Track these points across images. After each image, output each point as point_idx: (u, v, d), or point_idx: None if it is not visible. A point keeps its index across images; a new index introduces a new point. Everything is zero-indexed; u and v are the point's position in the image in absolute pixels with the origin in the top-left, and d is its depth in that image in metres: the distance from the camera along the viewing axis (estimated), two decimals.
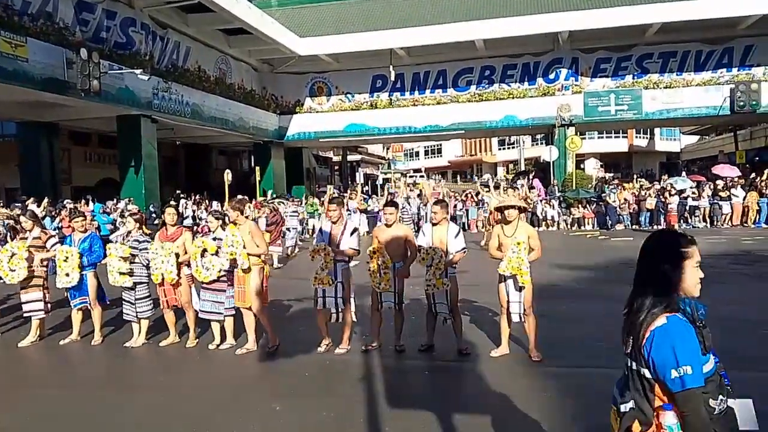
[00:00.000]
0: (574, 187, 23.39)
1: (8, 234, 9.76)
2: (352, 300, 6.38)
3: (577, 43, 26.53)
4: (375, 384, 5.33)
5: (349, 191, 24.80)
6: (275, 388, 5.43)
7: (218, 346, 6.67)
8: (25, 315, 7.38)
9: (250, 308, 6.43)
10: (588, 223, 21.42)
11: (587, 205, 21.75)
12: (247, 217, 6.86)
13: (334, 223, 6.33)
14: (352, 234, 6.28)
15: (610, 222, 20.74)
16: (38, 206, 15.39)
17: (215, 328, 6.76)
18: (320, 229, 6.58)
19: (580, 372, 5.51)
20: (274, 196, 22.88)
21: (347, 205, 17.80)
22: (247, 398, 5.14)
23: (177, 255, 6.71)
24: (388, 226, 6.28)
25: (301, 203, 21.70)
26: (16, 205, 14.98)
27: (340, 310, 6.25)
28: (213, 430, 4.51)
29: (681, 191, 20.75)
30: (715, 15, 22.74)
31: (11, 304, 7.96)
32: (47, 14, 16.13)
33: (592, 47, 26.71)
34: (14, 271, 7.06)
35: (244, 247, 6.28)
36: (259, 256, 6.43)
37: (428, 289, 6.04)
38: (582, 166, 44.90)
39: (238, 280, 6.41)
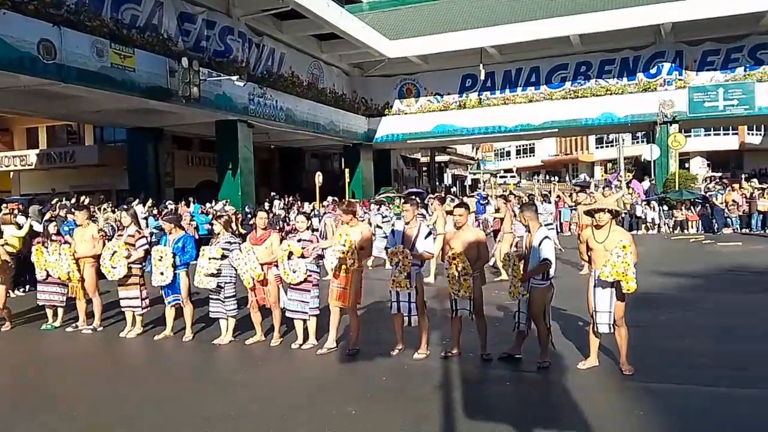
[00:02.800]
0: (677, 188, 21.98)
1: (114, 234, 10.47)
2: (424, 305, 6.26)
3: (681, 34, 24.89)
4: (453, 392, 5.19)
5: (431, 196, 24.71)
6: (353, 390, 5.41)
7: (301, 345, 6.77)
8: (123, 309, 7.83)
9: (343, 308, 6.48)
10: (692, 227, 20.04)
11: (691, 207, 20.36)
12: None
13: (407, 224, 6.25)
14: (427, 237, 6.17)
15: (716, 225, 19.30)
16: (143, 206, 16.39)
17: (299, 327, 6.87)
18: (392, 231, 6.52)
19: (677, 389, 5.10)
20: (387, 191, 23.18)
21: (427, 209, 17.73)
22: (325, 400, 5.16)
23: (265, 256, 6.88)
24: (458, 228, 6.12)
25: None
26: (124, 207, 16.03)
27: (413, 314, 6.16)
28: (288, 430, 4.55)
29: None
30: None
31: (110, 300, 8.45)
32: (153, 26, 17.15)
33: (698, 39, 24.97)
34: (115, 268, 7.52)
35: (361, 249, 6.36)
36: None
37: (510, 296, 5.82)
38: (687, 165, 42.25)
39: (340, 280, 6.44)
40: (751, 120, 31.90)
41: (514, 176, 64.84)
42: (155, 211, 16.23)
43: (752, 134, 47.56)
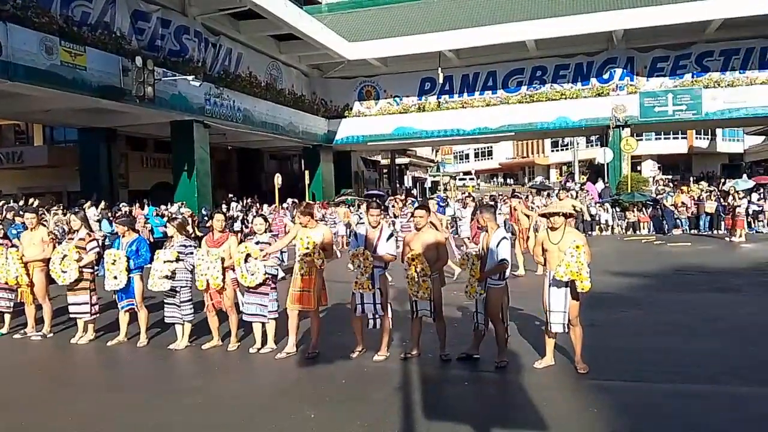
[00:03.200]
0: (629, 190, 22.61)
1: (65, 237, 10.14)
2: (389, 306, 6.28)
3: (632, 41, 25.68)
4: (412, 394, 5.20)
5: (394, 197, 24.86)
6: (312, 394, 5.37)
7: (259, 349, 6.68)
8: (71, 317, 7.60)
9: (302, 311, 6.43)
10: (644, 228, 20.64)
11: (643, 209, 20.97)
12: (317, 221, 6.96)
13: (372, 227, 6.26)
14: (388, 239, 6.20)
15: (666, 226, 19.93)
16: (96, 209, 15.94)
17: (257, 331, 6.78)
18: (355, 234, 6.52)
19: (630, 386, 5.24)
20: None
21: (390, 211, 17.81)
22: (284, 404, 5.11)
23: (222, 260, 6.77)
24: (418, 229, 6.17)
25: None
26: (74, 210, 15.56)
27: (378, 316, 6.18)
28: None
29: (748, 194, 19.68)
30: None
31: (60, 306, 8.18)
32: (105, 24, 16.71)
33: (648, 46, 25.78)
34: (66, 272, 7.28)
35: (324, 249, 6.32)
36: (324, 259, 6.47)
37: (466, 295, 5.89)
38: (638, 168, 43.55)
39: (303, 283, 6.36)
40: (698, 124, 33.14)
41: (473, 179, 65.71)
42: (109, 214, 15.80)
43: (700, 138, 49.42)
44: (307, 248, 6.25)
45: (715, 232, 19.33)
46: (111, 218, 15.75)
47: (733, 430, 4.37)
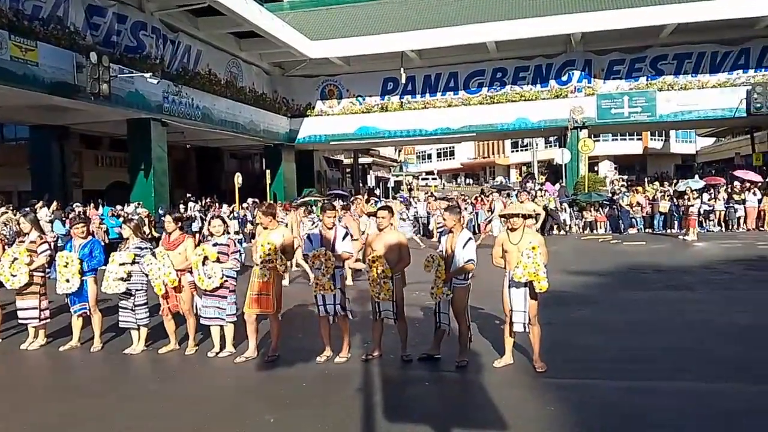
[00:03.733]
0: (586, 190, 23.11)
1: (16, 239, 9.78)
2: (348, 305, 6.27)
3: (589, 44, 26.24)
4: (374, 395, 5.19)
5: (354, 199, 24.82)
6: (272, 398, 5.30)
7: (218, 353, 6.56)
8: (20, 322, 7.35)
9: (260, 315, 6.36)
10: (600, 227, 21.13)
11: (600, 209, 21.46)
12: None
13: (329, 228, 6.23)
14: (344, 238, 6.20)
15: (622, 226, 20.43)
16: (48, 209, 15.45)
17: (215, 335, 6.65)
18: (308, 236, 6.48)
19: (587, 384, 5.34)
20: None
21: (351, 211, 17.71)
22: (243, 409, 5.03)
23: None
24: (380, 230, 6.17)
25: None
26: (25, 212, 15.03)
27: (338, 315, 6.16)
28: None
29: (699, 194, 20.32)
30: (731, 15, 22.36)
31: (11, 310, 7.89)
32: (58, 18, 16.19)
33: (605, 49, 26.39)
34: (15, 276, 7.03)
35: (283, 252, 6.23)
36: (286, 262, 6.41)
37: (432, 297, 5.91)
38: (596, 168, 44.56)
39: (261, 287, 6.28)
40: (653, 126, 34.12)
41: (435, 178, 66.14)
42: (62, 215, 15.34)
43: (655, 139, 50.92)
44: (268, 254, 6.17)
45: (668, 231, 19.90)
46: (64, 219, 15.31)
47: (690, 426, 4.47)
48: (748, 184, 20.92)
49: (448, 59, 27.70)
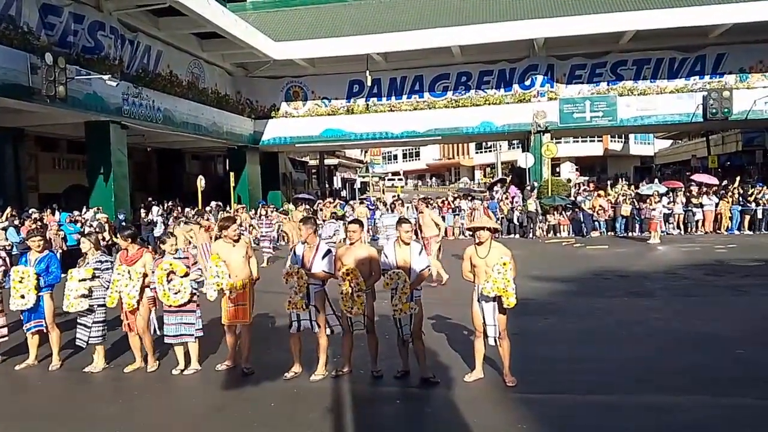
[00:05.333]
0: (549, 194, 23.42)
1: None
2: (326, 323, 6.15)
3: (552, 49, 26.60)
4: (344, 415, 5.12)
5: (321, 203, 24.74)
6: (239, 418, 5.17)
7: (182, 371, 6.39)
8: None
9: (241, 325, 6.42)
10: (564, 230, 21.44)
11: (563, 212, 21.77)
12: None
13: (306, 244, 6.12)
14: (324, 257, 6.04)
15: (585, 229, 20.78)
16: (1, 215, 14.89)
17: (179, 352, 6.48)
18: (294, 251, 6.37)
19: (554, 399, 5.36)
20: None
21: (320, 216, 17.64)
22: (208, 430, 4.91)
23: (145, 275, 6.44)
24: (351, 244, 6.10)
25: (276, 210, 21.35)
26: None
27: (315, 332, 6.08)
28: None
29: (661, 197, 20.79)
30: (688, 24, 22.95)
31: None
32: (10, 18, 15.59)
33: (567, 54, 26.77)
34: None
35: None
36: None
37: (395, 314, 5.84)
38: (558, 170, 45.35)
39: (237, 297, 6.30)
40: (614, 130, 34.82)
41: (401, 179, 66.34)
42: (16, 221, 14.81)
43: (614, 141, 52.14)
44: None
45: (630, 234, 20.32)
46: (18, 225, 14.78)
47: None
48: (705, 188, 21.49)
49: (414, 62, 27.71)
